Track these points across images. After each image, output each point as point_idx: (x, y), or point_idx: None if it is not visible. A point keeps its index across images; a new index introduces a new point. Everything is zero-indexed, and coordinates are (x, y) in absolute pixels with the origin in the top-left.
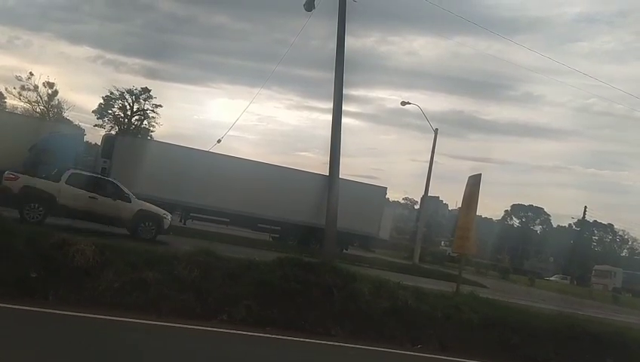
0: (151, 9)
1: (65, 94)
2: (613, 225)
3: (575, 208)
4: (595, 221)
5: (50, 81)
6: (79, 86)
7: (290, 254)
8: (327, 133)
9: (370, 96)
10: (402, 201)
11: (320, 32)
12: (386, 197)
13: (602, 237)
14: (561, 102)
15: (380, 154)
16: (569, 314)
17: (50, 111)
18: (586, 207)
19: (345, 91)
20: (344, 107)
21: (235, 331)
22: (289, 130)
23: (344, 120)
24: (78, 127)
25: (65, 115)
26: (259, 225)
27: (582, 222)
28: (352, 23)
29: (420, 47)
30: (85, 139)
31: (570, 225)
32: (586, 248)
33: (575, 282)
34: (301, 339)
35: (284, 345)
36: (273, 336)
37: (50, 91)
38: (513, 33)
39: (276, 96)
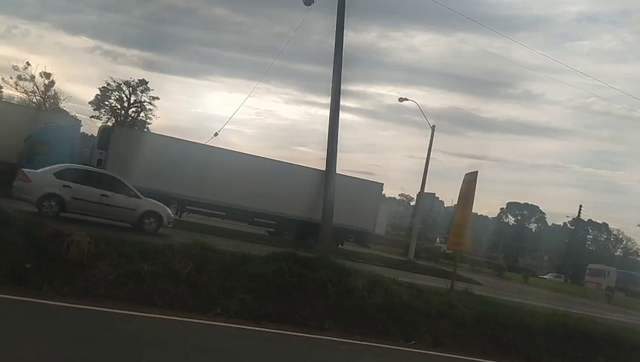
0: (150, 0)
1: (62, 85)
2: (607, 225)
3: (571, 207)
4: (590, 220)
5: (47, 71)
6: (76, 77)
7: (286, 248)
8: (325, 128)
9: (369, 92)
10: (398, 198)
11: (320, 26)
12: (383, 193)
13: (597, 236)
14: (561, 101)
15: (378, 150)
16: (562, 313)
17: (47, 101)
18: (581, 205)
19: (344, 86)
20: (343, 102)
21: (229, 324)
22: (287, 124)
23: (342, 115)
24: (75, 118)
25: (61, 105)
26: (255, 219)
27: (577, 220)
28: (353, 17)
29: (420, 43)
30: (81, 130)
31: (565, 223)
32: (580, 247)
33: (569, 280)
34: (295, 333)
35: (278, 338)
36: (267, 330)
37: (46, 81)
38: (514, 31)
39: (275, 90)
